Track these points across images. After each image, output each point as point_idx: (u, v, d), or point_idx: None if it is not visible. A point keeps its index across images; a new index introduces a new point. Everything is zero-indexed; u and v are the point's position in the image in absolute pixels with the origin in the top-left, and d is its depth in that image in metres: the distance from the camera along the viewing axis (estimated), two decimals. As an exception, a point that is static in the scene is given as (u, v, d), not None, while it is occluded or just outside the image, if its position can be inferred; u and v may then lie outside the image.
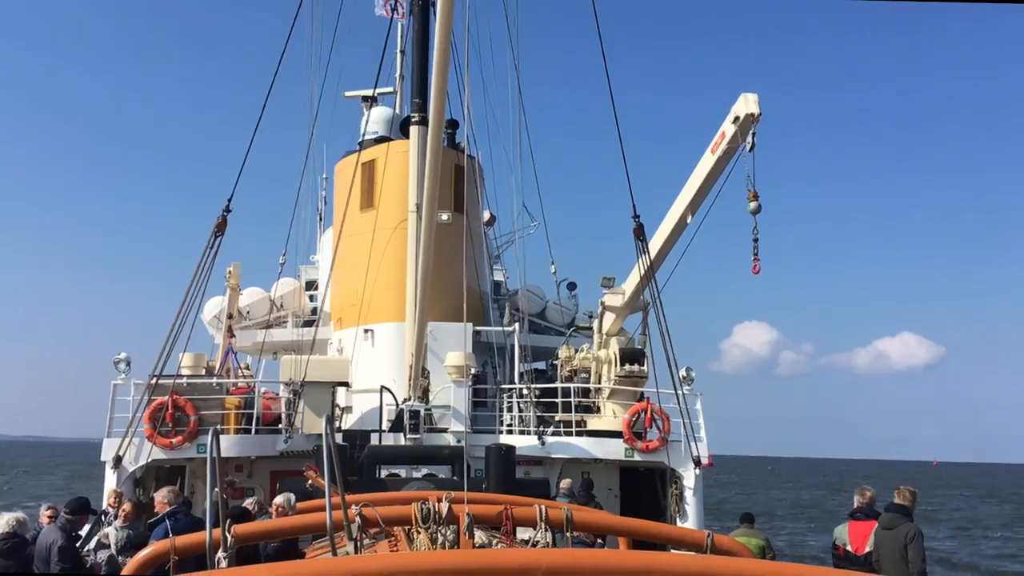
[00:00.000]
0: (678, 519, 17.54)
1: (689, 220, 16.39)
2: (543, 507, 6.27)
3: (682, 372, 17.66)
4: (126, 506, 11.30)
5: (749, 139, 13.97)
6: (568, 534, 6.59)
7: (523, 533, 7.30)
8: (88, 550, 10.98)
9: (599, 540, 11.84)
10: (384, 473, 15.99)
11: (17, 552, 10.02)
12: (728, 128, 14.54)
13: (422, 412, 17.84)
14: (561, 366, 20.24)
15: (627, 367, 18.66)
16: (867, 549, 10.92)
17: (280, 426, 18.14)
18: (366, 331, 20.61)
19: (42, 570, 9.74)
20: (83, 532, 11.63)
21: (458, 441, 17.41)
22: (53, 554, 9.73)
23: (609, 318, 19.60)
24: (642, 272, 17.45)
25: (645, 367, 18.77)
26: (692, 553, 5.66)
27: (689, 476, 17.68)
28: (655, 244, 17.15)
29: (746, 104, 14.10)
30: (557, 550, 3.73)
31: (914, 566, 10.02)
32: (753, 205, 13.85)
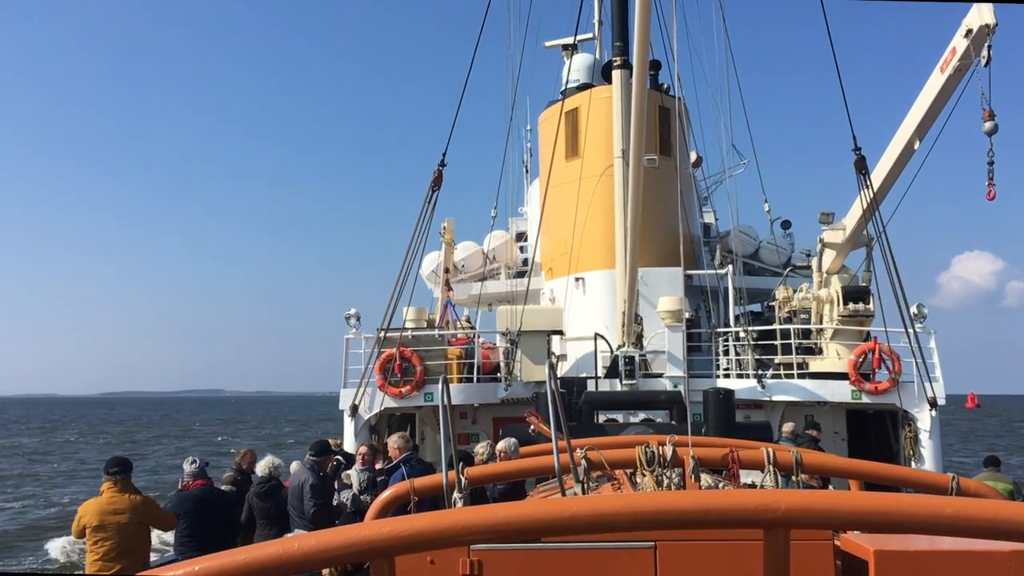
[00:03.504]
0: (913, 463, 16.65)
1: (917, 146, 15.28)
2: (770, 449, 6.12)
3: (913, 309, 16.66)
4: (363, 449, 12.07)
5: (984, 53, 12.79)
6: (795, 478, 6.42)
7: (745, 478, 7.17)
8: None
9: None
10: (602, 419, 16.20)
11: (274, 494, 11.01)
12: (959, 43, 13.36)
13: (637, 358, 17.86)
14: (779, 307, 19.59)
15: (851, 306, 17.76)
16: None
17: (499, 375, 18.75)
18: (577, 279, 20.80)
19: (296, 507, 10.57)
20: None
21: (675, 386, 17.31)
22: (306, 492, 10.50)
23: (829, 255, 18.69)
24: (864, 205, 16.48)
25: (871, 305, 17.80)
26: (939, 496, 5.36)
27: (924, 418, 16.69)
28: (878, 175, 16.12)
29: (980, 15, 12.88)
30: (797, 491, 3.64)
31: None
32: (989, 125, 12.79)
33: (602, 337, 18.57)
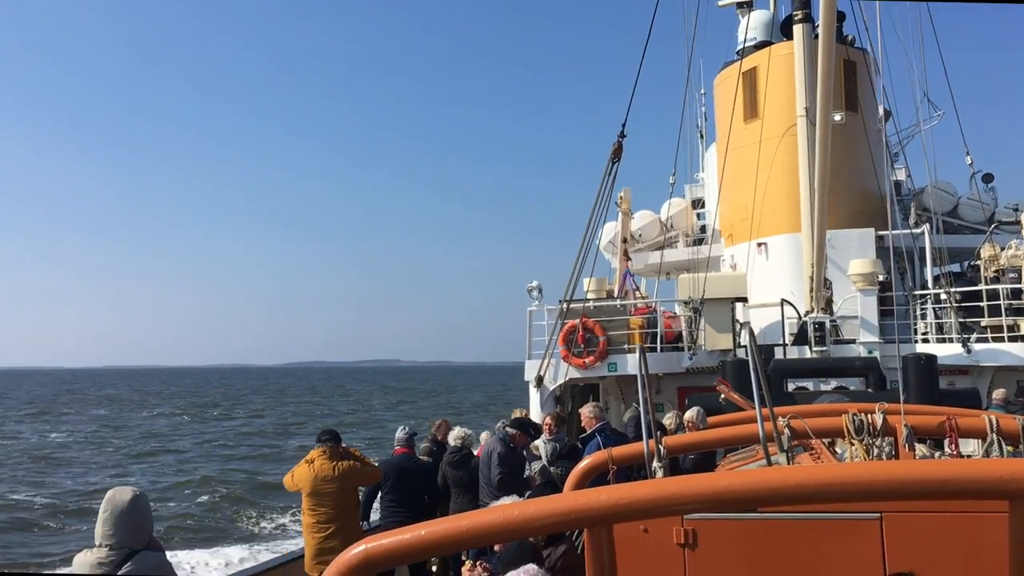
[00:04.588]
0: None
1: None
2: (993, 417, 5.73)
3: None
4: (548, 419, 12.24)
5: None
6: (1011, 448, 5.99)
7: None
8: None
9: None
10: (791, 387, 15.71)
11: (465, 463, 11.40)
12: None
13: (827, 324, 17.18)
14: (984, 266, 18.28)
15: (1068, 262, 16.37)
16: None
17: (681, 344, 18.53)
18: (759, 245, 20.21)
19: (485, 476, 10.85)
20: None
21: (869, 352, 16.54)
22: (493, 460, 10.79)
23: (1041, 209, 17.27)
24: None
25: (1091, 261, 16.33)
26: None
27: None
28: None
29: None
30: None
31: None
32: None
33: (789, 303, 17.98)
